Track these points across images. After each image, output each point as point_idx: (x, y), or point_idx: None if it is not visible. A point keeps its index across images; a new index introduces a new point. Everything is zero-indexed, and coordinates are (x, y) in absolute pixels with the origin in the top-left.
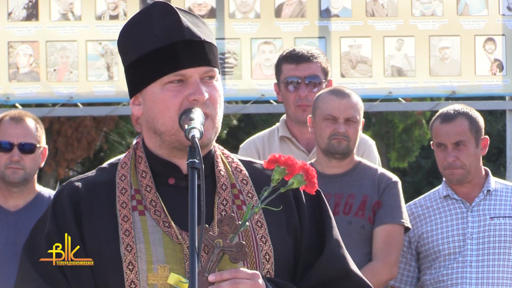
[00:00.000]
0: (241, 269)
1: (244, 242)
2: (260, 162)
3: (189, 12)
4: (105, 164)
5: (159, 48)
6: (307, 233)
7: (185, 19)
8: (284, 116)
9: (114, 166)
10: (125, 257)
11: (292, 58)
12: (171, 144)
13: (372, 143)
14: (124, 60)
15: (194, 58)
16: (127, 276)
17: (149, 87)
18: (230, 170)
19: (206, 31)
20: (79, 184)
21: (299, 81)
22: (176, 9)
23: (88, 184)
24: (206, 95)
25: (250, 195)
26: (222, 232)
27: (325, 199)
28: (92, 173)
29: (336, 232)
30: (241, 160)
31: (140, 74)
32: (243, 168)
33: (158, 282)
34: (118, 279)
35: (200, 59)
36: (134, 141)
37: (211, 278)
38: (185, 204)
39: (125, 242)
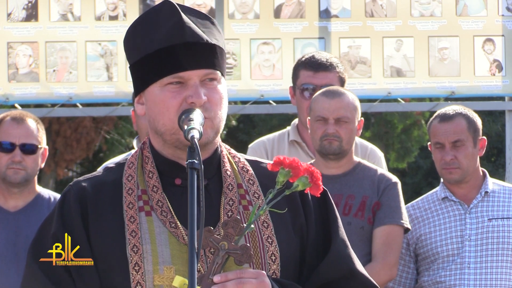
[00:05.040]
0: (246, 269)
1: (249, 245)
2: (267, 161)
3: (199, 12)
4: (112, 164)
5: (160, 49)
6: (313, 233)
7: (189, 20)
8: (295, 121)
9: (121, 166)
10: (131, 258)
11: (310, 65)
12: (173, 143)
13: (381, 155)
14: (129, 58)
15: (194, 60)
16: (133, 277)
17: (150, 88)
18: (237, 169)
19: (215, 32)
20: (86, 184)
21: (315, 88)
22: (180, 9)
23: (95, 184)
24: (204, 98)
25: (256, 195)
26: (227, 234)
27: (331, 199)
28: (99, 172)
29: (342, 232)
30: (248, 160)
31: (142, 74)
32: (250, 168)
33: (164, 283)
34: (124, 280)
35: (201, 61)
36: (134, 141)
37: (216, 279)
38: None
39: (131, 243)
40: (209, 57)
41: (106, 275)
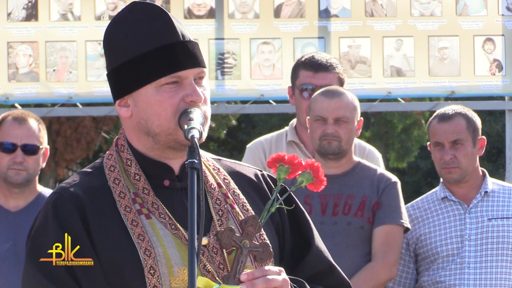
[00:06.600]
0: (269, 266)
1: (268, 242)
2: (229, 160)
3: (169, 13)
4: (87, 168)
5: (154, 50)
6: (288, 230)
7: (174, 20)
8: (293, 121)
9: (99, 169)
10: (145, 262)
11: (310, 65)
12: (167, 143)
13: (379, 156)
14: (110, 62)
15: (189, 59)
16: (149, 281)
17: (142, 89)
18: (210, 169)
19: (186, 30)
20: (75, 190)
21: (315, 88)
22: (165, 10)
23: (85, 190)
24: (203, 96)
25: (236, 193)
26: (247, 232)
27: (292, 194)
28: (76, 177)
29: (313, 225)
30: (212, 158)
31: (131, 76)
32: (220, 167)
33: (180, 285)
34: (140, 284)
35: (194, 60)
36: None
37: (243, 277)
38: (184, 206)
39: (142, 246)
40: (199, 55)
41: (118, 281)
